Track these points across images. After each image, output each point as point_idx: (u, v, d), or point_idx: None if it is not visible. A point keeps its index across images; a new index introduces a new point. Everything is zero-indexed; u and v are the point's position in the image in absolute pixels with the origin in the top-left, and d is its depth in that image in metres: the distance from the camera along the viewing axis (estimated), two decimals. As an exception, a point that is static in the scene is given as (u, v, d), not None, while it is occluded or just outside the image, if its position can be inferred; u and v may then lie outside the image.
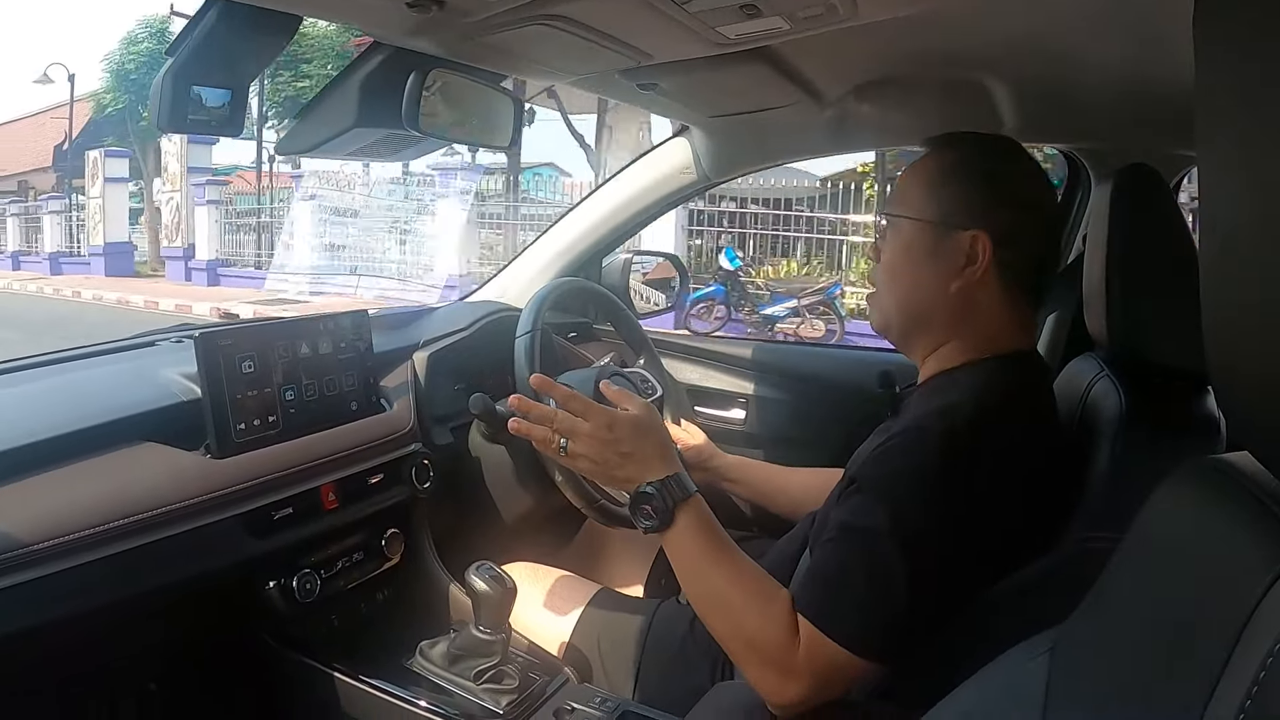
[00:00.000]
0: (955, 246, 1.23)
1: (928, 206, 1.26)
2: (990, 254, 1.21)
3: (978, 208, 1.23)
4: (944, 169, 1.28)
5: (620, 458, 1.26)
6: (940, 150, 1.31)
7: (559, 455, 1.30)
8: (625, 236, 2.37)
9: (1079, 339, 1.57)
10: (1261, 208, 0.47)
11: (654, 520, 1.22)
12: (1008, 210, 1.23)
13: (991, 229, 1.21)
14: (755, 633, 1.15)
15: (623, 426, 1.27)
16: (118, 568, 1.13)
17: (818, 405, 2.27)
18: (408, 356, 1.79)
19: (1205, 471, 0.63)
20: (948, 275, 1.24)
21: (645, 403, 1.35)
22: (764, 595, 1.18)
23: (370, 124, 1.40)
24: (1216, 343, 0.53)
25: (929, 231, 1.25)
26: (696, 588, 1.23)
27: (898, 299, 1.31)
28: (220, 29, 1.16)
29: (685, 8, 1.15)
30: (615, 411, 1.30)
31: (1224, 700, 0.49)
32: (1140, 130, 1.68)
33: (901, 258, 1.29)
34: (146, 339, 1.70)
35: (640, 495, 1.23)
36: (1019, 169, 1.29)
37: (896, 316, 1.32)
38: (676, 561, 1.25)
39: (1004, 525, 1.12)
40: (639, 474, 1.25)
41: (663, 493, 1.22)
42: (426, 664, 1.41)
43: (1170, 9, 0.75)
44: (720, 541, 1.23)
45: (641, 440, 1.27)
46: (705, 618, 1.23)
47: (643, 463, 1.26)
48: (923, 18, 1.21)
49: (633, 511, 1.25)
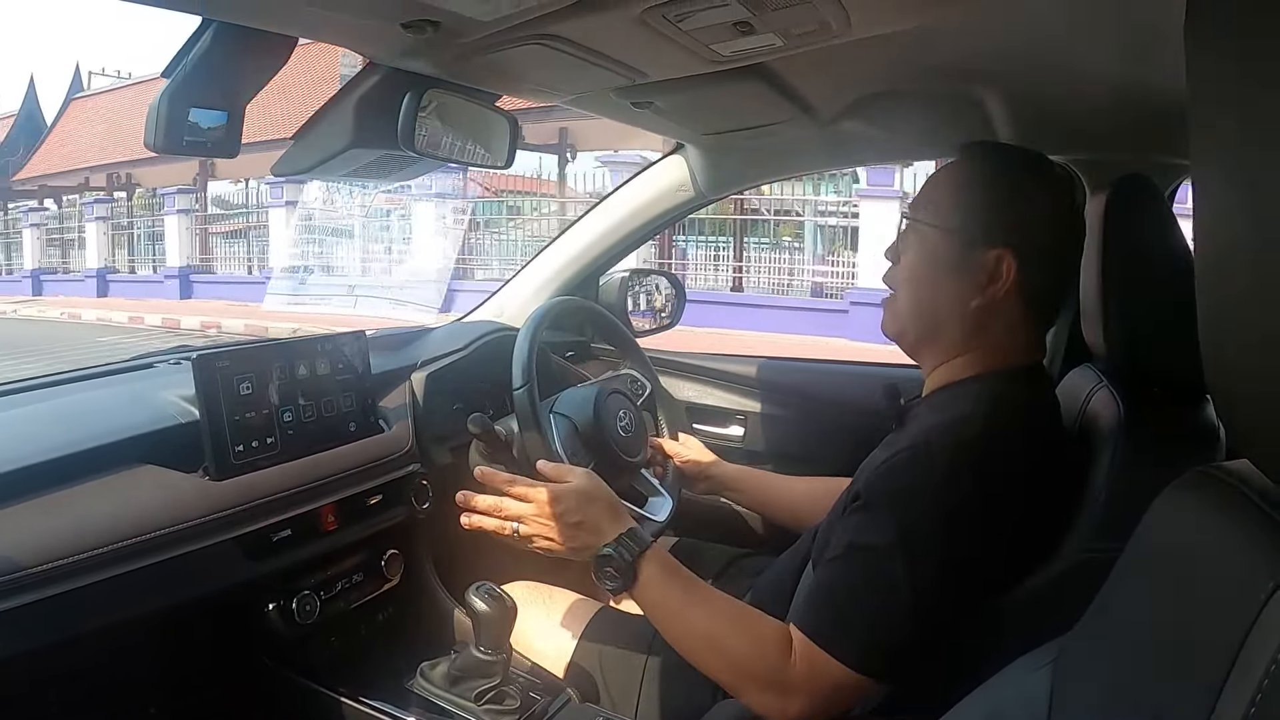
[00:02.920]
0: (980, 263, 1.22)
1: (954, 216, 1.26)
2: (1015, 274, 1.21)
3: (1006, 225, 1.22)
4: (974, 179, 1.28)
5: (572, 529, 1.28)
6: (971, 159, 1.31)
7: (516, 541, 1.32)
8: (622, 255, 2.37)
9: (1076, 350, 1.57)
10: (1256, 215, 0.47)
11: (619, 580, 1.24)
12: (1036, 230, 1.22)
13: (1017, 248, 1.21)
14: (745, 659, 1.16)
15: (568, 498, 1.30)
16: (116, 591, 1.13)
17: (818, 420, 2.27)
18: (406, 377, 1.79)
19: (1205, 480, 0.63)
20: (970, 291, 1.24)
21: (585, 470, 1.37)
22: (744, 621, 1.20)
23: (366, 145, 1.41)
24: (1214, 351, 0.53)
25: (954, 243, 1.25)
26: (677, 631, 1.24)
27: (915, 308, 1.31)
28: (215, 51, 1.16)
29: (680, 26, 1.15)
30: (556, 486, 1.32)
31: (1228, 709, 0.49)
32: (1135, 140, 1.69)
33: (924, 266, 1.29)
34: (144, 360, 1.70)
35: (601, 559, 1.25)
36: (1048, 187, 1.29)
37: (912, 326, 1.31)
38: (652, 613, 1.26)
39: (1009, 539, 1.12)
40: (593, 539, 1.27)
41: (620, 551, 1.24)
42: (427, 685, 1.40)
43: (1163, 19, 0.75)
44: (688, 581, 1.25)
45: (588, 507, 1.30)
46: (694, 658, 1.23)
47: (594, 529, 1.28)
48: (916, 33, 1.21)
49: (597, 577, 1.26)
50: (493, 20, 1.14)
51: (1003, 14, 1.21)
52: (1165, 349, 1.16)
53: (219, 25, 1.15)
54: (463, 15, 1.11)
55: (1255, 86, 0.47)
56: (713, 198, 2.24)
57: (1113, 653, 0.66)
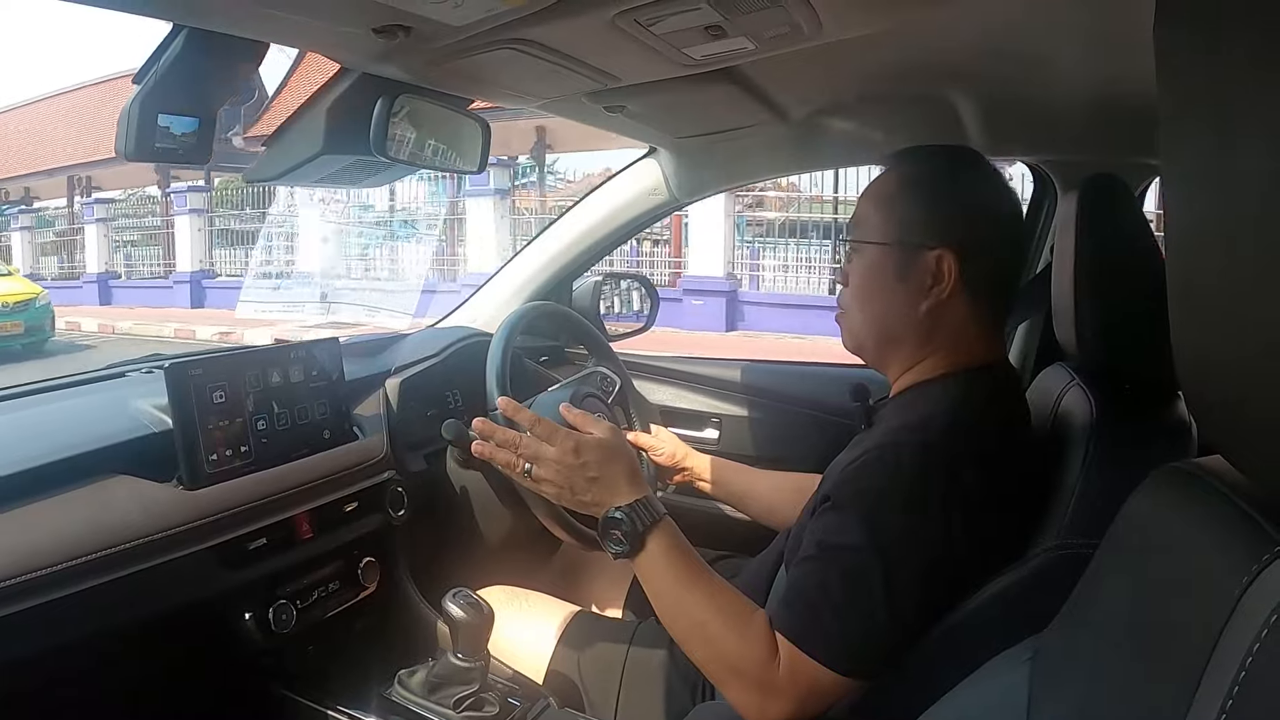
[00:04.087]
0: (922, 267, 1.23)
1: (889, 228, 1.26)
2: (957, 271, 1.22)
3: (939, 224, 1.23)
4: (902, 186, 1.28)
5: (587, 482, 1.26)
6: (896, 167, 1.31)
7: (524, 479, 1.30)
8: (595, 259, 2.37)
9: (1049, 349, 1.58)
10: (1225, 214, 0.48)
11: (624, 545, 1.21)
12: (970, 223, 1.23)
13: (955, 244, 1.22)
14: (734, 654, 1.15)
15: (589, 450, 1.27)
16: (91, 602, 1.12)
17: (791, 422, 2.28)
18: (380, 384, 1.78)
19: (1178, 476, 0.63)
20: (916, 296, 1.24)
21: (612, 426, 1.35)
22: (740, 616, 1.18)
23: (338, 150, 1.40)
24: (1185, 348, 0.54)
25: (893, 253, 1.25)
26: (671, 612, 1.22)
27: (868, 323, 1.31)
28: (186, 56, 1.15)
29: (652, 30, 1.15)
30: (581, 435, 1.29)
31: (1206, 700, 0.50)
32: (1105, 140, 1.70)
33: (869, 282, 1.29)
34: (117, 370, 1.68)
35: (609, 520, 1.23)
36: (978, 178, 1.30)
37: (869, 340, 1.32)
38: (649, 586, 1.24)
39: (980, 536, 1.12)
40: (606, 498, 1.25)
41: (632, 517, 1.21)
42: (405, 693, 1.39)
43: (1132, 20, 0.76)
44: (692, 564, 1.23)
45: (608, 464, 1.27)
46: (682, 642, 1.22)
47: (610, 487, 1.25)
48: (887, 35, 1.22)
49: (602, 537, 1.23)
50: (464, 25, 1.14)
51: (972, 17, 1.22)
52: (1137, 347, 1.17)
53: (190, 31, 1.15)
54: (434, 20, 1.11)
55: (1224, 87, 0.48)
56: (685, 201, 2.25)
57: (1090, 648, 0.67)
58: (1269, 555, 0.50)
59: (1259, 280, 0.46)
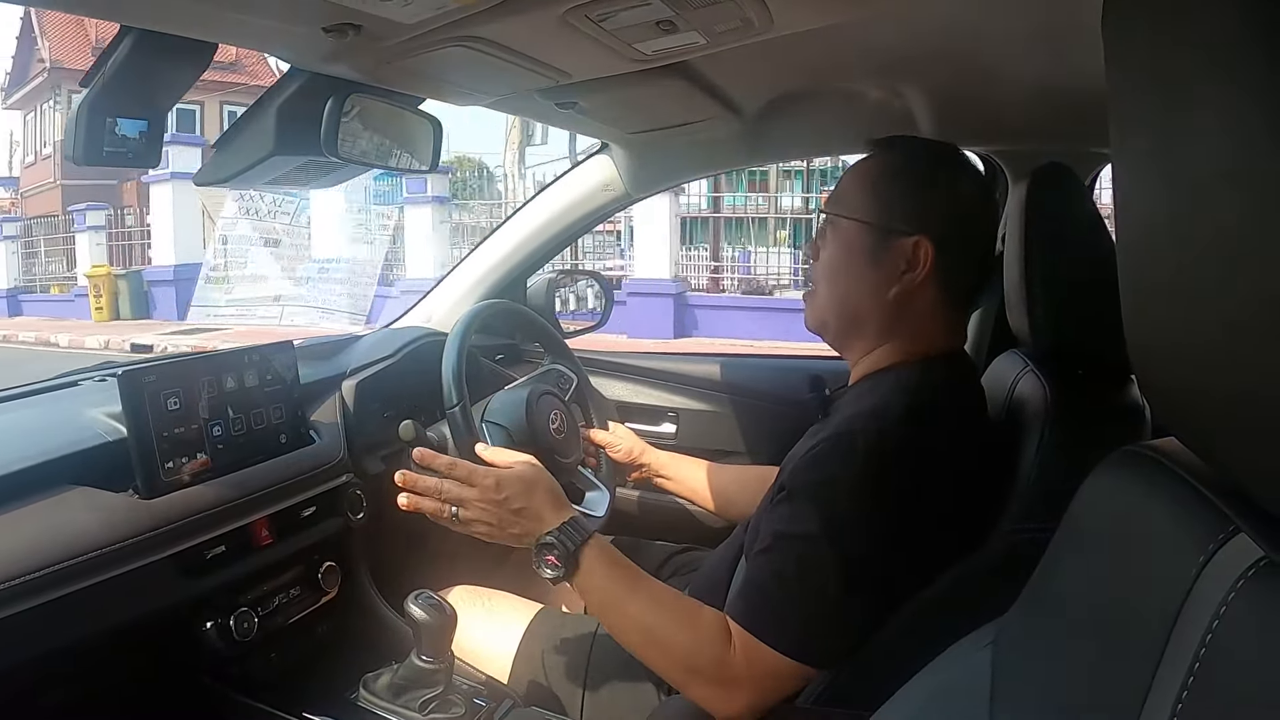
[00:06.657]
0: (897, 251, 1.24)
1: (871, 208, 1.27)
2: (932, 260, 1.23)
3: (920, 213, 1.24)
4: (887, 171, 1.30)
5: (513, 515, 1.27)
6: (884, 152, 1.33)
7: (453, 524, 1.30)
8: (549, 256, 2.37)
9: (1002, 336, 1.60)
10: (1174, 199, 0.49)
11: (560, 568, 1.22)
12: (950, 216, 1.25)
13: (934, 235, 1.23)
14: (688, 653, 1.16)
15: (509, 484, 1.28)
16: (49, 616, 1.10)
17: (748, 415, 2.28)
18: (336, 386, 1.77)
19: (1133, 458, 0.64)
20: (887, 280, 1.25)
21: (527, 457, 1.37)
22: (687, 614, 1.19)
23: (289, 151, 1.39)
24: (1136, 332, 0.54)
25: (871, 234, 1.27)
26: (620, 625, 1.23)
27: (835, 301, 1.32)
28: (134, 58, 1.13)
29: (602, 25, 1.15)
30: (499, 471, 1.31)
31: (1165, 681, 0.51)
32: (1055, 130, 1.73)
33: (842, 258, 1.31)
34: (69, 379, 1.65)
35: (541, 547, 1.23)
36: (961, 175, 1.32)
37: (833, 319, 1.33)
38: (592, 602, 1.26)
39: (937, 523, 1.14)
40: (535, 527, 1.26)
41: (562, 539, 1.23)
42: (370, 697, 1.39)
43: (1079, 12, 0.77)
44: (630, 572, 1.24)
45: (530, 494, 1.28)
46: (636, 651, 1.23)
47: (536, 515, 1.27)
48: (837, 29, 1.22)
49: (537, 565, 1.24)
50: (415, 23, 1.13)
51: (921, 11, 1.23)
52: (1088, 332, 1.18)
53: (138, 33, 1.13)
54: (384, 18, 1.10)
55: (1173, 75, 0.48)
56: (639, 196, 2.24)
57: (1051, 629, 0.67)
58: (1224, 534, 0.51)
59: (1210, 265, 0.46)
